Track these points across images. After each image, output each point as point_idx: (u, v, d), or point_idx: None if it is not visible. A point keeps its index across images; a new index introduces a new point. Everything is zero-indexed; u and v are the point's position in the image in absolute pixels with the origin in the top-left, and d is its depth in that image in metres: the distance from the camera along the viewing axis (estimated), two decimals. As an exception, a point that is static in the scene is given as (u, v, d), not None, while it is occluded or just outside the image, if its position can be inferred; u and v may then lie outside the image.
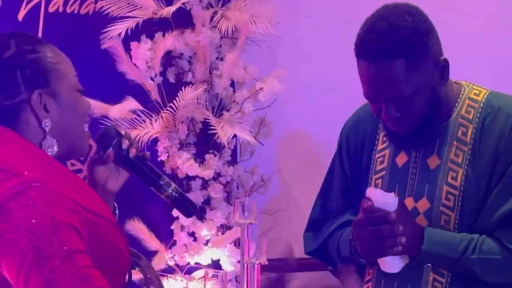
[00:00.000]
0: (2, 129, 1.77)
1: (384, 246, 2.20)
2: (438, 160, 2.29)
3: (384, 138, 2.37)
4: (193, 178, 3.64)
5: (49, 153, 1.77)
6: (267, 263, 2.97)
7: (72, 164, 3.51)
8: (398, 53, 2.16)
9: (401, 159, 2.33)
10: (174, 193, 1.88)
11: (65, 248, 1.64)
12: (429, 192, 2.28)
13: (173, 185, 1.88)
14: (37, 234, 1.64)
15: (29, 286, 1.61)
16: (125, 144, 1.86)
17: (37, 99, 1.76)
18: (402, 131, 2.27)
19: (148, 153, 1.91)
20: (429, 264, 2.25)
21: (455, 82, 2.35)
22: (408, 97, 2.19)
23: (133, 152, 1.87)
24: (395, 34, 2.16)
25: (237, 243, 3.63)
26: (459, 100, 2.32)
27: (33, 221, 1.64)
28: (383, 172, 2.36)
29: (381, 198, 2.22)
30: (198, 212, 1.97)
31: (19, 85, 1.76)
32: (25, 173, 1.69)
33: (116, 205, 1.97)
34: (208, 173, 3.62)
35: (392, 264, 2.26)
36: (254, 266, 2.87)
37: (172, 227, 3.64)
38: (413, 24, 2.17)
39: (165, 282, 3.51)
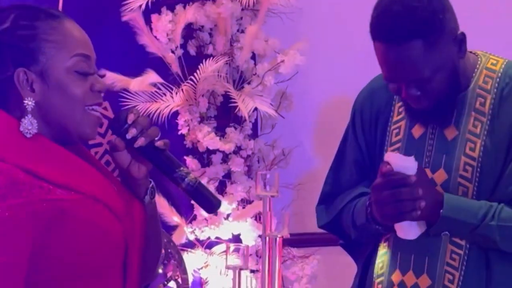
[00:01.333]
0: None
1: (403, 209, 2.16)
2: (455, 131, 2.27)
3: (400, 110, 2.34)
4: (214, 151, 3.62)
5: (25, 133, 1.70)
6: (289, 236, 2.96)
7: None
8: (415, 34, 2.14)
9: (418, 130, 2.31)
10: (190, 185, 1.75)
11: None
12: (446, 163, 2.26)
13: (191, 177, 1.76)
14: None
15: None
16: (130, 133, 1.76)
17: (22, 77, 1.72)
18: (423, 107, 2.24)
19: (163, 142, 1.78)
20: (447, 232, 2.22)
21: (471, 52, 2.33)
22: (428, 76, 2.17)
23: (140, 141, 1.76)
24: (411, 15, 2.13)
25: (257, 217, 3.62)
26: (476, 70, 2.30)
27: None
28: (399, 144, 2.34)
29: (401, 162, 2.18)
30: (219, 206, 1.81)
31: (7, 61, 1.72)
32: None
33: (153, 185, 1.86)
34: (228, 147, 3.60)
35: (409, 230, 2.22)
36: (276, 239, 2.86)
37: (192, 202, 3.62)
38: (429, 3, 2.15)
39: (185, 256, 3.49)
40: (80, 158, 1.78)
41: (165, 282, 3.35)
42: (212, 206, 1.79)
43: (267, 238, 2.89)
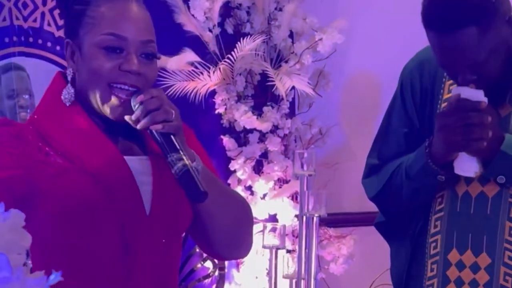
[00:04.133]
0: (55, 75, 1.91)
1: (471, 136, 2.13)
2: (510, 108, 2.25)
3: (451, 88, 2.31)
4: (251, 131, 3.62)
5: (65, 102, 1.83)
6: (326, 215, 2.95)
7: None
8: (468, 20, 2.11)
9: None
10: (176, 173, 1.74)
11: None
12: None
13: (180, 164, 1.74)
14: None
15: None
16: (135, 115, 1.76)
17: (67, 47, 1.84)
18: (479, 88, 2.21)
19: (162, 125, 1.76)
20: (503, 177, 2.20)
21: None
22: (483, 61, 2.14)
23: (141, 124, 1.76)
24: (463, 2, 2.11)
25: (294, 197, 3.61)
26: None
27: None
28: None
29: (470, 93, 2.16)
30: (202, 199, 1.78)
31: (65, 31, 1.88)
32: None
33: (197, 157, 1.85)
34: (266, 126, 3.59)
35: (471, 165, 2.17)
36: (313, 218, 2.85)
37: (229, 181, 3.62)
38: None
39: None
40: (102, 133, 1.82)
41: (202, 262, 3.36)
42: (195, 197, 1.76)
43: (304, 218, 2.88)
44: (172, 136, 1.77)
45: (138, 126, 1.77)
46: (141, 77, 1.79)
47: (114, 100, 1.79)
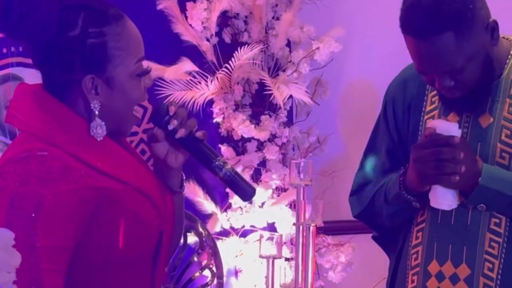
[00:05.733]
0: (39, 93, 1.79)
1: (442, 171, 2.14)
2: (490, 118, 2.25)
3: (433, 99, 2.32)
4: (249, 139, 3.62)
5: (97, 136, 1.77)
6: (322, 225, 2.95)
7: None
8: (446, 27, 2.11)
9: (452, 119, 2.29)
10: (227, 175, 1.83)
11: (35, 239, 1.64)
12: (482, 151, 2.24)
13: (228, 166, 1.84)
14: (16, 212, 1.64)
15: None
16: (172, 124, 1.82)
17: (88, 82, 1.77)
18: (457, 96, 2.22)
19: (202, 132, 1.85)
20: (483, 205, 2.20)
21: (504, 37, 2.30)
22: (461, 66, 2.15)
23: (181, 132, 1.82)
24: (441, 8, 2.11)
25: (292, 205, 3.61)
26: (510, 56, 2.28)
27: (20, 198, 1.65)
28: None
29: (445, 126, 2.17)
30: (254, 195, 1.88)
31: (75, 66, 1.76)
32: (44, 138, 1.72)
33: (183, 177, 1.94)
34: (263, 135, 3.60)
35: (444, 197, 2.19)
36: (309, 228, 2.85)
37: (227, 190, 3.62)
38: None
39: (220, 244, 3.50)
40: (123, 149, 1.85)
41: (200, 271, 3.36)
42: (248, 195, 1.86)
43: (301, 227, 2.88)
44: (206, 142, 1.85)
45: (178, 135, 1.82)
46: None
47: (135, 120, 1.85)
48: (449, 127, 2.17)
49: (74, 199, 1.69)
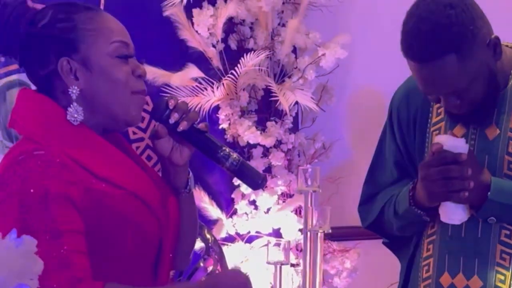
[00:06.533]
0: (37, 98, 1.80)
1: (451, 188, 2.13)
2: (497, 130, 2.24)
3: (439, 110, 2.30)
4: (255, 146, 3.63)
5: (72, 121, 1.76)
6: (330, 231, 2.95)
7: (134, 133, 3.51)
8: (447, 50, 2.08)
9: (458, 131, 2.27)
10: (234, 165, 1.80)
11: (55, 226, 1.64)
12: (490, 164, 2.23)
13: (234, 156, 1.81)
14: (27, 208, 1.64)
15: None
16: (173, 118, 1.79)
17: (65, 66, 1.77)
18: (463, 112, 2.21)
19: (204, 124, 1.83)
20: (494, 218, 2.19)
21: (507, 46, 2.28)
22: (466, 86, 2.13)
23: (183, 125, 1.78)
24: (441, 33, 2.08)
25: (298, 211, 3.61)
26: None
27: (26, 194, 1.65)
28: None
29: (451, 142, 2.15)
30: (264, 182, 1.85)
31: (50, 55, 1.77)
32: (41, 140, 1.72)
33: (191, 176, 1.92)
34: (269, 141, 3.60)
35: (454, 213, 2.18)
36: (317, 234, 2.86)
37: (232, 196, 3.63)
38: (457, 17, 2.08)
39: (225, 250, 3.50)
40: (120, 151, 1.82)
41: (206, 276, 3.36)
42: (256, 183, 1.83)
43: (309, 233, 2.89)
44: (209, 134, 1.83)
45: (181, 127, 1.79)
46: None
47: (137, 102, 1.81)
48: (456, 143, 2.15)
49: (76, 190, 1.69)
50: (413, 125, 2.35)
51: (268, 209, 3.61)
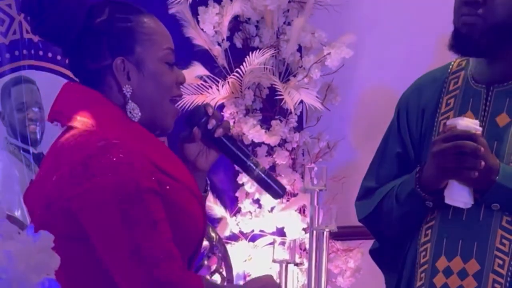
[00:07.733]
0: (91, 92, 1.82)
1: (463, 164, 2.14)
2: (507, 118, 2.25)
3: (449, 101, 2.32)
4: (259, 144, 3.62)
5: (133, 117, 1.80)
6: (336, 230, 2.95)
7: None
8: None
9: (469, 117, 2.26)
10: (261, 174, 1.87)
11: (150, 217, 1.69)
12: (498, 150, 2.23)
13: (261, 165, 1.89)
14: (125, 199, 1.68)
15: (119, 247, 1.66)
16: (211, 124, 1.86)
17: (120, 65, 1.81)
18: (474, 33, 2.21)
19: (238, 133, 1.91)
20: (498, 205, 2.20)
21: None
22: (500, 1, 2.16)
23: (219, 132, 1.86)
24: None
25: (302, 210, 3.61)
26: None
27: (120, 186, 1.68)
28: None
29: (465, 122, 2.17)
30: (284, 193, 1.93)
31: (104, 51, 1.81)
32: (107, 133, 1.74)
33: (208, 182, 1.98)
34: (274, 139, 3.60)
35: (461, 194, 2.18)
36: (323, 233, 2.85)
37: (236, 194, 3.63)
38: None
39: (229, 249, 3.50)
40: (169, 149, 1.88)
41: (210, 275, 3.36)
42: (278, 194, 1.90)
43: (315, 232, 2.88)
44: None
45: (217, 134, 1.86)
46: None
47: (174, 111, 1.87)
48: (469, 124, 2.17)
49: (156, 181, 1.73)
50: (422, 115, 2.36)
51: (272, 208, 3.61)
